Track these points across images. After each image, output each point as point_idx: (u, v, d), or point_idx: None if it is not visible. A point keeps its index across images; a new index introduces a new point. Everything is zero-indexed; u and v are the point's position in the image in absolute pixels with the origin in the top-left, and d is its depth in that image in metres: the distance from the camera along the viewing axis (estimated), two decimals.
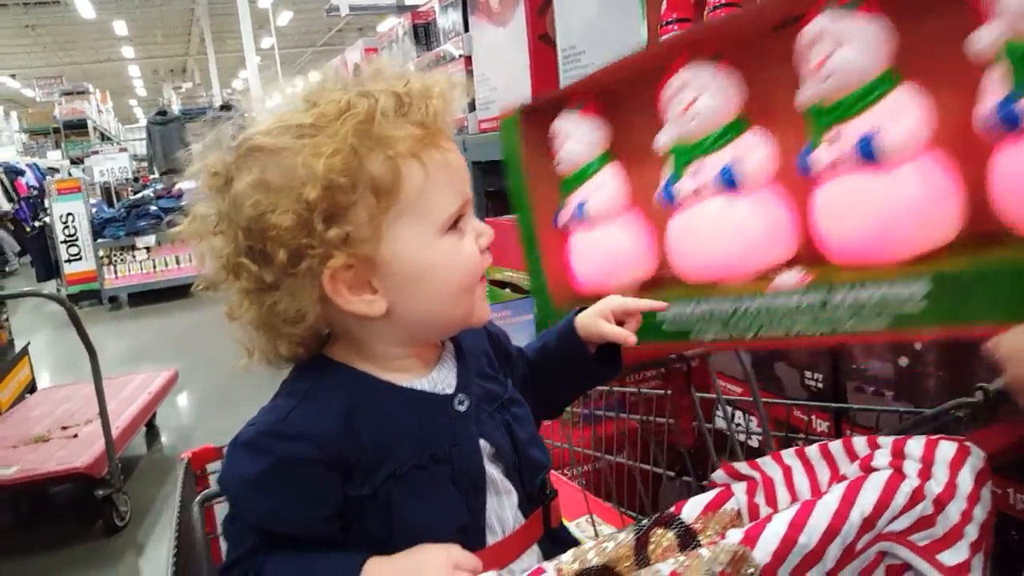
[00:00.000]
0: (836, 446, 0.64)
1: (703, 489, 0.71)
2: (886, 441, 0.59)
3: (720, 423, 1.21)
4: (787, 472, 0.65)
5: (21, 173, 12.16)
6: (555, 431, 1.57)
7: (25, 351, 4.81)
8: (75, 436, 3.27)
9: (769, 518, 0.53)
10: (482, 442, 0.79)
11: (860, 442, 0.63)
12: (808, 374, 1.24)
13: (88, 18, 15.74)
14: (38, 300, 7.62)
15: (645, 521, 0.62)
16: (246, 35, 12.42)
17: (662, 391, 1.30)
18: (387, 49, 3.28)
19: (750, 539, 0.52)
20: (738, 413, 1.40)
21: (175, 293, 8.13)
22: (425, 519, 0.73)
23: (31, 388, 4.77)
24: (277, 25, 16.17)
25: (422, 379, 0.78)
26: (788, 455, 0.67)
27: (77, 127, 16.95)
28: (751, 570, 0.51)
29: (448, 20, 2.60)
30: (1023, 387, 0.59)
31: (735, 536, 0.53)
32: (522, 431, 0.83)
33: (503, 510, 0.79)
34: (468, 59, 2.41)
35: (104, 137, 17.81)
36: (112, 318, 7.52)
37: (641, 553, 0.57)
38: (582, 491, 1.31)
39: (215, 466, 1.24)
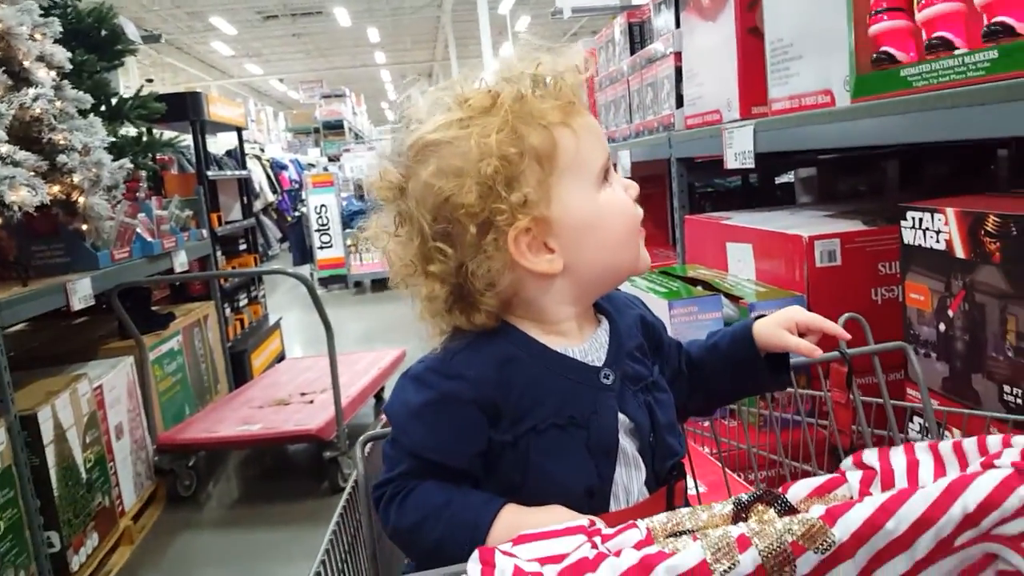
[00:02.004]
0: (970, 443, 0.62)
1: None
2: (1020, 440, 0.56)
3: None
4: (912, 464, 0.65)
5: (284, 168, 13.58)
6: (737, 434, 1.55)
7: (277, 325, 5.42)
8: (311, 402, 3.64)
9: (860, 499, 0.53)
10: (621, 416, 0.85)
11: (994, 440, 0.60)
12: (1007, 388, 1.14)
13: (345, 26, 17.25)
14: (293, 282, 8.48)
15: (747, 495, 0.63)
16: (485, 41, 13.01)
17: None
18: (604, 49, 3.34)
19: (831, 516, 0.52)
20: (919, 421, 1.31)
21: None
22: (557, 474, 0.80)
23: (280, 358, 5.36)
24: (515, 31, 16.79)
25: (575, 348, 0.85)
26: (920, 448, 0.66)
27: (334, 127, 18.58)
28: (826, 544, 0.51)
29: (662, 19, 2.61)
30: None
31: (817, 511, 0.53)
32: (663, 415, 0.87)
33: (631, 483, 0.84)
34: (677, 55, 2.41)
35: (358, 137, 19.42)
36: (356, 301, 8.23)
37: (737, 523, 0.58)
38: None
39: None
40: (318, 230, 8.67)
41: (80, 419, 2.68)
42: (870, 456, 0.67)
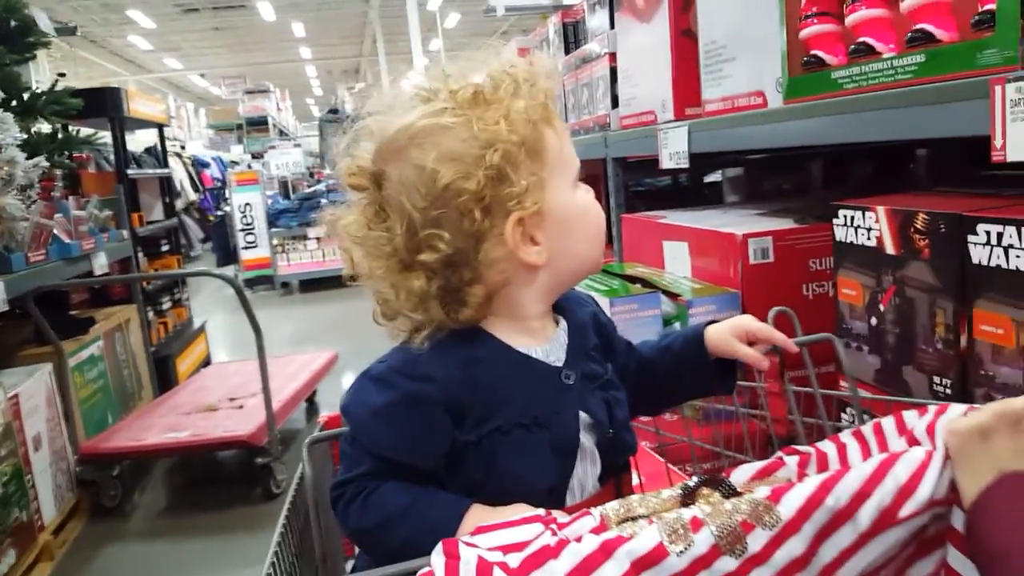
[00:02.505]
0: (888, 421, 0.65)
1: None
2: (932, 409, 0.60)
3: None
4: (841, 448, 0.69)
5: (207, 165, 13.23)
6: (676, 427, 1.57)
7: (202, 328, 5.27)
8: (241, 407, 3.55)
9: (801, 480, 0.56)
10: (582, 414, 0.86)
11: (911, 415, 0.63)
12: (936, 379, 1.18)
13: (269, 20, 16.89)
14: (217, 283, 8.27)
15: (694, 480, 0.66)
16: (414, 37, 12.91)
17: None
18: (539, 48, 3.35)
19: (776, 495, 0.55)
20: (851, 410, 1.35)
21: (340, 282, 8.62)
22: (521, 474, 0.81)
23: (206, 362, 5.21)
24: (444, 27, 16.70)
25: (538, 349, 0.86)
26: (845, 435, 0.70)
27: (258, 124, 18.19)
28: (773, 521, 0.55)
29: (596, 19, 2.62)
30: None
31: (762, 492, 0.56)
32: (620, 411, 0.90)
33: (586, 477, 0.86)
34: (612, 56, 2.43)
35: (282, 133, 19.04)
36: (284, 302, 8.07)
37: (682, 512, 0.59)
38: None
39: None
40: (243, 229, 8.47)
41: None
42: (802, 447, 0.71)
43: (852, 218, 1.32)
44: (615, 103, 2.46)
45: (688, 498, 0.65)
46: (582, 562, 0.56)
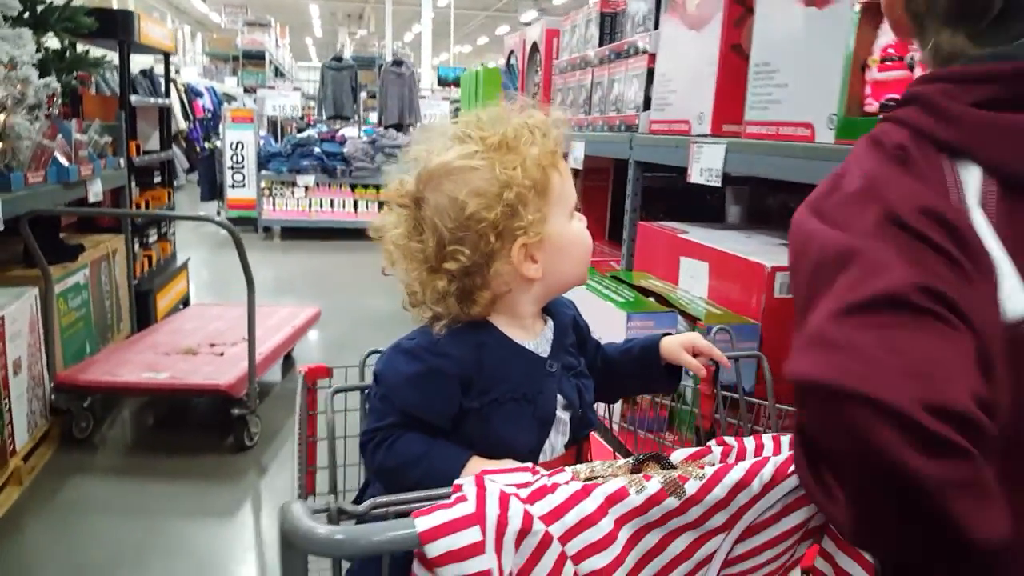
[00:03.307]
0: (786, 437, 0.93)
1: None
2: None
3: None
4: (759, 447, 0.93)
5: (200, 95, 12.94)
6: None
7: (184, 266, 5.20)
8: (221, 355, 3.52)
9: (698, 475, 0.81)
10: (559, 396, 1.09)
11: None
12: None
13: None
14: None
15: (642, 455, 0.87)
16: None
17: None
18: (569, 33, 3.31)
19: (683, 479, 0.80)
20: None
21: (325, 234, 8.54)
22: (508, 436, 1.03)
23: (185, 301, 5.15)
24: None
25: (530, 342, 1.09)
26: (766, 438, 0.94)
27: (254, 58, 17.83)
28: (700, 476, 0.80)
29: (639, 14, 2.59)
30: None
31: (673, 473, 0.80)
32: (587, 396, 1.13)
33: (556, 442, 1.09)
34: (652, 56, 2.40)
35: (278, 72, 18.70)
36: (264, 247, 7.98)
37: (635, 474, 0.82)
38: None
39: (324, 382, 1.56)
40: (232, 168, 8.34)
41: None
42: (729, 439, 0.94)
43: None
44: (647, 105, 2.43)
45: (637, 467, 0.86)
46: (570, 497, 0.77)
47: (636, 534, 0.79)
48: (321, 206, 8.47)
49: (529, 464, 0.89)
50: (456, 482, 0.79)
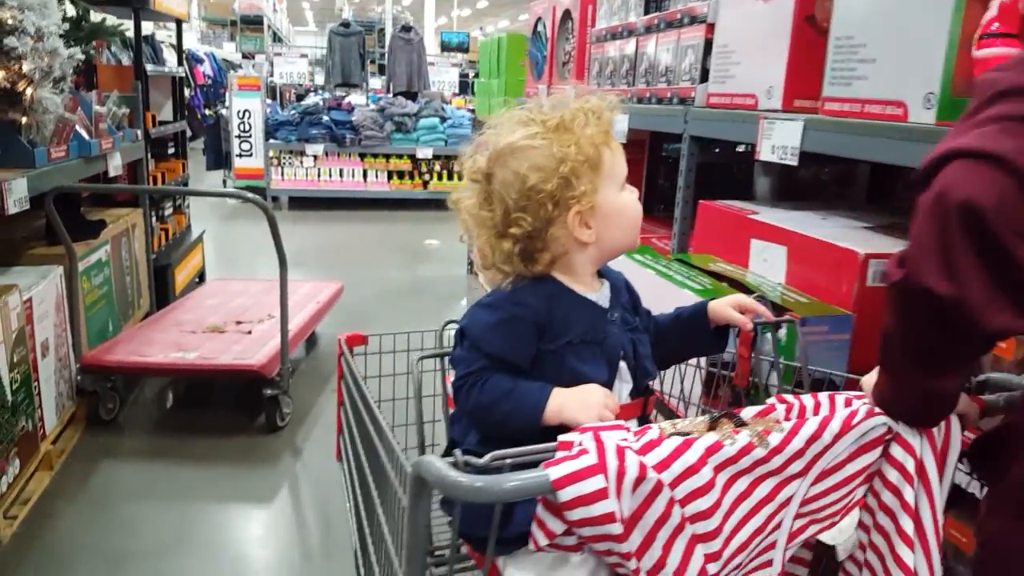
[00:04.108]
0: (840, 395, 1.03)
1: None
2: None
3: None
4: (817, 404, 1.02)
5: (200, 61, 12.70)
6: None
7: (200, 239, 5.10)
8: (249, 333, 3.44)
9: (780, 428, 0.94)
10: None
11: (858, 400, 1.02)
12: None
13: None
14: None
15: (717, 413, 0.97)
16: None
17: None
18: (607, 2, 3.19)
19: (766, 432, 0.92)
20: None
21: (334, 204, 8.41)
22: (584, 371, 1.16)
23: (201, 274, 5.06)
24: None
25: (592, 295, 1.22)
26: (822, 396, 1.03)
27: (252, 23, 17.58)
28: (782, 429, 0.93)
29: None
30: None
31: (757, 427, 0.93)
32: (642, 348, 1.25)
33: (621, 391, 1.22)
34: (711, 27, 2.30)
35: (276, 37, 18.42)
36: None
37: (711, 431, 0.92)
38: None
39: (360, 349, 1.81)
40: (239, 136, 8.18)
41: (9, 336, 2.42)
42: (788, 397, 1.03)
43: None
44: (703, 77, 2.34)
45: (713, 423, 0.94)
46: (675, 449, 0.87)
47: (729, 480, 0.91)
48: (330, 176, 8.34)
49: (620, 422, 1.03)
50: (564, 438, 0.92)
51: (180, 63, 5.00)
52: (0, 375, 2.35)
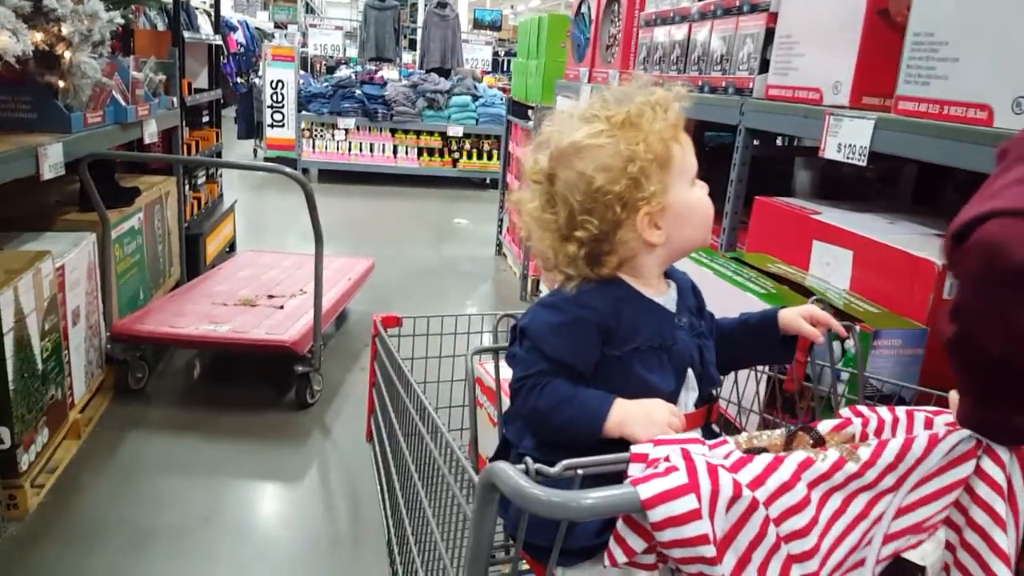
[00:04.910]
0: (919, 412, 0.98)
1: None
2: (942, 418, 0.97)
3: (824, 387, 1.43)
4: (895, 420, 0.97)
5: (234, 29, 12.65)
6: None
7: (232, 209, 5.07)
8: (281, 307, 3.40)
9: (863, 435, 0.95)
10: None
11: (940, 419, 0.97)
12: None
13: None
14: (236, 157, 7.99)
15: (793, 427, 0.92)
16: None
17: None
18: None
19: (855, 447, 0.87)
20: None
21: (363, 178, 8.37)
22: (651, 380, 1.11)
23: (231, 245, 5.04)
24: None
25: (660, 298, 1.16)
26: (899, 410, 0.98)
27: None
28: (858, 458, 0.87)
29: None
30: None
31: (839, 441, 0.92)
32: (708, 354, 1.19)
33: (688, 399, 1.16)
34: (773, 16, 2.21)
35: (309, 8, 18.33)
36: (300, 189, 7.81)
37: (788, 445, 0.90)
38: None
39: (394, 331, 1.77)
40: (271, 107, 8.14)
41: (41, 303, 2.39)
42: (863, 410, 0.99)
43: None
44: (763, 68, 2.25)
45: (791, 437, 0.91)
46: (767, 466, 0.83)
47: (823, 497, 0.87)
48: (360, 150, 8.29)
49: (693, 435, 0.94)
50: (637, 450, 0.87)
51: (216, 30, 4.95)
52: (32, 344, 2.33)
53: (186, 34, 4.17)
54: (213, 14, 5.13)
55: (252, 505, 2.55)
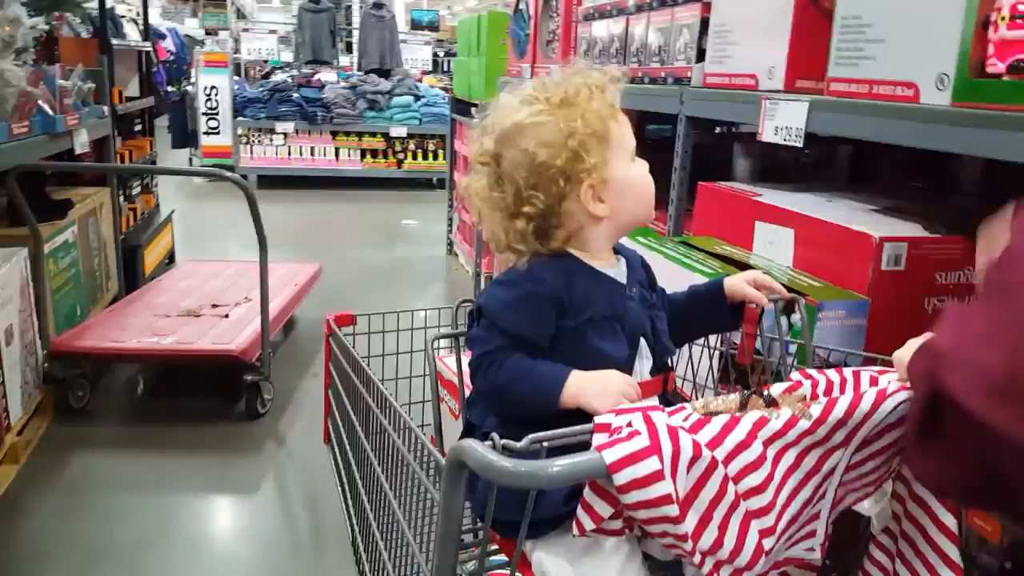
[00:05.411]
0: (865, 372, 1.02)
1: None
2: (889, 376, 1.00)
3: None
4: (843, 381, 1.02)
5: (163, 37, 12.35)
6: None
7: (169, 219, 4.96)
8: (226, 316, 3.34)
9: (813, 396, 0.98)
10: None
11: (885, 377, 1.01)
12: None
13: None
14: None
15: (747, 392, 0.94)
16: None
17: None
18: None
19: (806, 405, 0.89)
20: None
21: (305, 182, 8.26)
22: (605, 349, 1.14)
23: (170, 256, 4.93)
24: None
25: (609, 270, 1.20)
26: (846, 371, 1.03)
27: None
28: (820, 402, 0.90)
29: None
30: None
31: (797, 403, 0.91)
32: (660, 324, 1.24)
33: (642, 367, 1.20)
34: (706, 6, 2.24)
35: (239, 12, 18.01)
36: (240, 197, 7.65)
37: (743, 408, 0.91)
38: None
39: (348, 329, 1.73)
40: (206, 114, 7.99)
41: None
42: (812, 372, 1.03)
43: None
44: (699, 57, 2.28)
45: (744, 401, 0.92)
46: (723, 426, 0.86)
47: (778, 454, 0.90)
48: (301, 153, 8.18)
49: (653, 403, 1.00)
50: (600, 420, 0.88)
51: (146, 37, 4.84)
52: None
53: (114, 41, 4.06)
54: (142, 20, 5.00)
55: (208, 518, 2.50)
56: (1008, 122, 1.29)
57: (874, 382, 1.00)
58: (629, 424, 0.86)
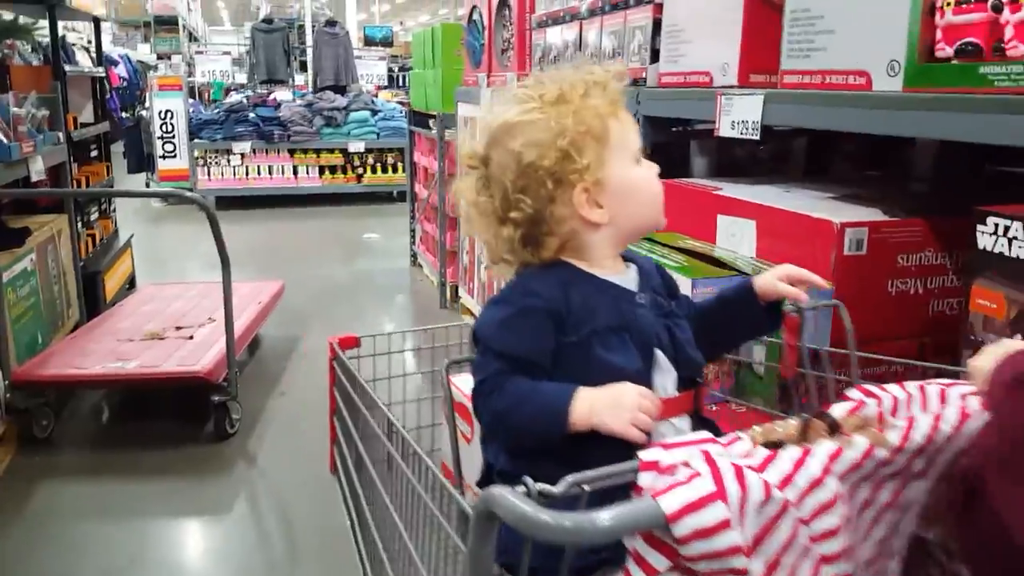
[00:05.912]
0: (932, 387, 0.92)
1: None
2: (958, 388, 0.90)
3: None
4: (909, 398, 0.90)
5: (115, 64, 12.21)
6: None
7: (128, 243, 4.89)
8: (191, 338, 3.30)
9: (880, 417, 0.85)
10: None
11: (954, 389, 0.91)
12: None
13: None
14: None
15: (806, 415, 0.84)
16: None
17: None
18: None
19: (881, 431, 0.82)
20: None
21: (264, 202, 8.19)
22: (614, 361, 1.04)
23: (131, 281, 4.86)
24: None
25: (614, 277, 1.11)
26: (910, 386, 0.91)
27: (167, 23, 17.03)
28: (888, 443, 0.81)
29: None
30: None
31: (857, 424, 0.83)
32: (681, 333, 1.12)
33: (666, 382, 1.08)
34: (658, 7, 2.28)
35: (192, 37, 17.86)
36: (201, 218, 7.54)
37: (804, 434, 0.82)
38: None
39: (352, 352, 1.59)
40: (161, 138, 7.89)
41: None
42: (872, 388, 0.91)
43: (1007, 228, 1.25)
44: (655, 57, 2.31)
45: (805, 425, 0.83)
46: (796, 461, 0.77)
47: (852, 488, 0.82)
48: (259, 173, 8.12)
49: (709, 435, 0.84)
50: (646, 457, 0.77)
51: (99, 63, 4.78)
52: None
53: (67, 67, 4.01)
54: (94, 47, 4.93)
55: (180, 542, 2.45)
56: (958, 104, 1.33)
57: (943, 397, 0.91)
58: (687, 464, 0.76)
